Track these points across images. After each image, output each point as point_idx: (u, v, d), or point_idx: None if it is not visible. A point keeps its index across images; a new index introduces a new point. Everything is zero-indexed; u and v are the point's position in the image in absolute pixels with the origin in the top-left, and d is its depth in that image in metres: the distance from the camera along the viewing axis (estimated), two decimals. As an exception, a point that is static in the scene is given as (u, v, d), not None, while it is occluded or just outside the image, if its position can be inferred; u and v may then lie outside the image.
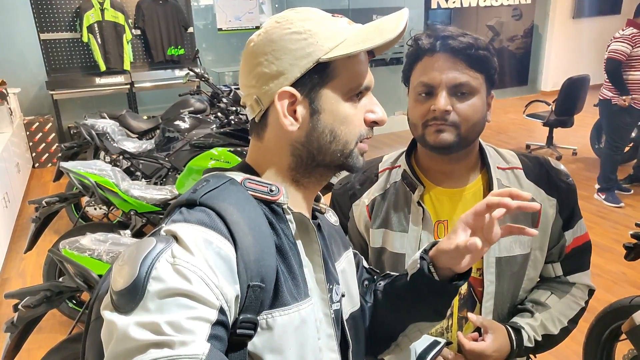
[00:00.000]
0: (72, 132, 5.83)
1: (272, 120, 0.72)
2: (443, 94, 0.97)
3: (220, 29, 6.46)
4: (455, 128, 0.99)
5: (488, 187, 1.07)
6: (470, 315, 1.05)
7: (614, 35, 4.11)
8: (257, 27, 6.57)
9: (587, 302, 1.13)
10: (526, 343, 1.06)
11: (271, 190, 0.71)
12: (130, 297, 0.55)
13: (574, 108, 5.21)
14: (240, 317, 0.61)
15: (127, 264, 0.57)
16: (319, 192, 0.83)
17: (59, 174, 3.77)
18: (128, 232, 2.66)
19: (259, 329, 0.64)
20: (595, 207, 4.27)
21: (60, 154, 4.15)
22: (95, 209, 3.89)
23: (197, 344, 0.53)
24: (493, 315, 1.07)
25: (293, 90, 0.69)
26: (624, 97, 4.05)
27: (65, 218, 3.96)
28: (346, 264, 0.87)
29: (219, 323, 0.57)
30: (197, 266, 0.57)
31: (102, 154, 4.07)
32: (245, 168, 0.76)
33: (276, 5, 7.01)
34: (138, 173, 3.65)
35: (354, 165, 0.75)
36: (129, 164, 3.72)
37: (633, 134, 4.73)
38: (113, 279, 0.58)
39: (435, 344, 1.00)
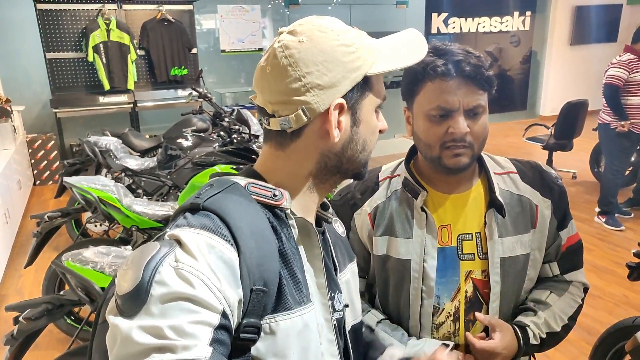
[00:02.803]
0: (74, 149, 5.86)
1: (310, 131, 0.71)
2: (462, 117, 1.00)
3: (223, 51, 6.57)
4: (471, 149, 1.03)
5: (489, 191, 1.10)
6: (477, 314, 1.07)
7: (611, 61, 4.18)
8: (260, 49, 6.68)
9: (583, 300, 1.18)
10: (532, 340, 1.08)
11: (274, 195, 0.71)
12: (134, 301, 0.55)
13: (573, 132, 5.26)
14: (244, 322, 0.62)
15: (131, 268, 0.58)
16: (327, 201, 0.84)
17: (61, 190, 3.78)
18: (129, 247, 2.65)
19: (262, 334, 0.64)
20: (595, 230, 4.27)
21: (62, 172, 4.16)
22: (95, 225, 3.88)
23: (200, 348, 0.54)
24: (499, 315, 1.09)
25: (344, 101, 0.70)
26: (622, 123, 4.09)
27: (64, 235, 3.95)
28: (350, 275, 0.87)
29: (221, 327, 0.57)
30: (200, 270, 0.58)
31: (104, 171, 4.08)
32: (251, 174, 0.76)
33: (278, 29, 7.12)
34: (140, 190, 3.66)
35: (364, 173, 0.79)
36: (131, 181, 3.73)
37: (632, 158, 4.76)
38: (117, 283, 0.59)
39: (443, 347, 1.00)
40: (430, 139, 1.04)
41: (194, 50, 6.40)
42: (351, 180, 1.07)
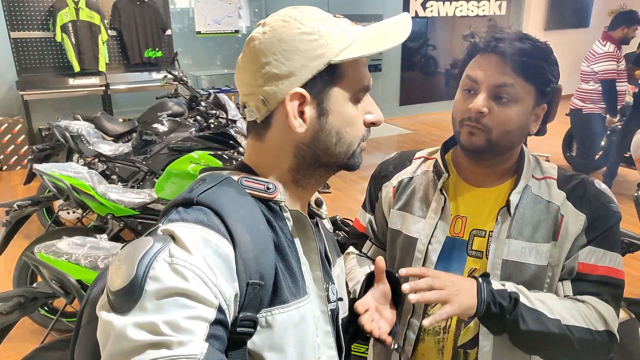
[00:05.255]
0: (43, 134, 5.65)
1: (276, 121, 0.71)
2: (483, 95, 0.97)
3: (198, 32, 6.41)
4: (486, 133, 0.97)
5: (513, 189, 1.03)
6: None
7: (595, 51, 4.20)
8: (237, 31, 6.54)
9: (600, 336, 0.95)
10: (498, 294, 0.92)
11: (268, 188, 0.71)
12: (128, 297, 0.55)
13: (547, 116, 5.35)
14: (240, 316, 0.62)
15: (124, 264, 0.57)
16: (321, 198, 0.84)
17: (31, 177, 3.65)
18: (105, 236, 2.58)
19: (258, 327, 0.64)
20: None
21: (31, 157, 4.02)
22: (68, 213, 3.78)
23: (195, 344, 0.53)
24: None
25: (304, 91, 0.68)
26: (614, 119, 4.17)
27: (35, 223, 3.83)
28: (339, 270, 0.89)
29: (217, 322, 0.57)
30: (195, 265, 0.57)
31: (75, 156, 3.96)
32: (243, 168, 0.75)
33: (255, 10, 6.99)
34: (114, 176, 3.57)
35: (356, 164, 0.76)
36: (105, 167, 3.63)
37: (603, 143, 4.88)
38: (110, 278, 0.57)
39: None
40: (455, 112, 1.03)
41: (168, 32, 6.22)
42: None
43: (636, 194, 2.10)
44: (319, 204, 0.84)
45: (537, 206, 1.02)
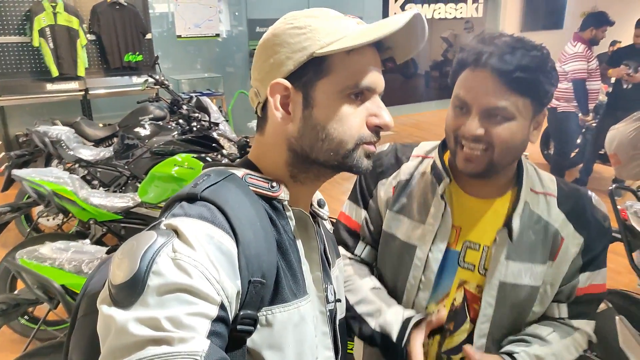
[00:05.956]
0: (20, 140, 5.55)
1: (270, 114, 0.72)
2: (476, 118, 0.91)
3: (179, 36, 6.37)
4: (485, 155, 0.92)
5: (513, 209, 0.99)
6: (466, 347, 0.97)
7: (566, 51, 4.31)
8: (217, 35, 6.52)
9: (586, 352, 1.07)
10: None
11: (272, 187, 0.71)
12: (130, 292, 0.54)
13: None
14: (241, 313, 0.61)
15: (127, 258, 0.56)
16: (323, 199, 0.84)
17: (9, 183, 3.58)
18: (87, 241, 2.56)
19: (258, 325, 0.64)
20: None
21: (8, 164, 3.95)
22: (48, 219, 3.72)
23: (197, 341, 0.53)
24: (487, 339, 1.01)
25: (285, 82, 0.69)
26: (587, 118, 4.28)
27: (13, 230, 3.76)
28: (338, 271, 0.88)
29: (219, 319, 0.56)
30: (199, 261, 0.56)
31: (55, 162, 3.90)
32: (246, 164, 0.75)
33: (236, 13, 6.98)
34: (95, 181, 3.52)
35: (356, 167, 0.72)
36: (86, 172, 3.58)
37: (578, 140, 5.00)
38: (112, 272, 0.57)
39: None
40: (448, 128, 0.98)
41: (148, 36, 6.17)
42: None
43: (610, 189, 2.17)
44: (321, 204, 0.84)
45: (536, 226, 0.99)
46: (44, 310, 1.98)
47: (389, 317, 1.01)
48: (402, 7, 7.96)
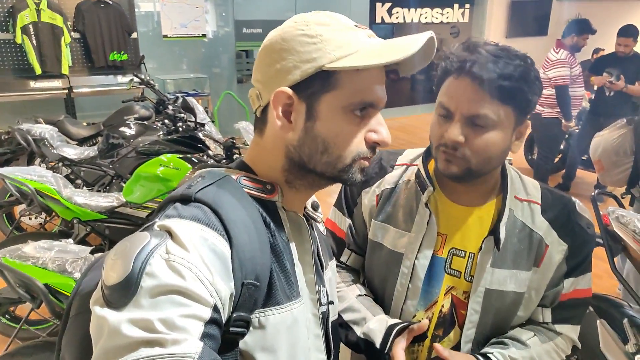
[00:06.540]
0: (2, 138, 5.45)
1: (271, 118, 0.71)
2: (457, 125, 0.91)
3: (165, 36, 6.32)
4: (464, 161, 0.93)
5: (498, 217, 1.00)
6: (436, 346, 0.97)
7: (549, 58, 4.37)
8: (204, 35, 6.49)
9: (568, 358, 1.07)
10: None
11: (267, 189, 0.71)
12: (123, 293, 0.54)
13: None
14: (234, 315, 0.61)
15: (120, 259, 0.56)
16: (317, 202, 0.85)
17: (-10, 182, 3.52)
18: (70, 241, 2.52)
19: (251, 328, 0.64)
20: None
21: (-10, 161, 3.88)
22: (30, 218, 3.66)
23: (190, 343, 0.53)
24: (472, 344, 1.02)
25: (290, 92, 0.67)
26: (570, 124, 4.34)
27: (-5, 229, 3.70)
28: (331, 273, 0.88)
29: (212, 321, 0.56)
30: (192, 263, 0.56)
31: (37, 160, 3.84)
32: (242, 166, 0.75)
33: (222, 14, 6.96)
34: (79, 181, 3.48)
35: (350, 180, 0.73)
36: (69, 171, 3.54)
37: (562, 146, 5.09)
38: (105, 273, 0.56)
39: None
40: (432, 136, 0.99)
41: (134, 35, 6.11)
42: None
43: (593, 195, 2.21)
44: (315, 207, 0.84)
45: (520, 234, 1.00)
46: (26, 309, 1.94)
47: (373, 325, 1.03)
48: (389, 11, 8.03)
